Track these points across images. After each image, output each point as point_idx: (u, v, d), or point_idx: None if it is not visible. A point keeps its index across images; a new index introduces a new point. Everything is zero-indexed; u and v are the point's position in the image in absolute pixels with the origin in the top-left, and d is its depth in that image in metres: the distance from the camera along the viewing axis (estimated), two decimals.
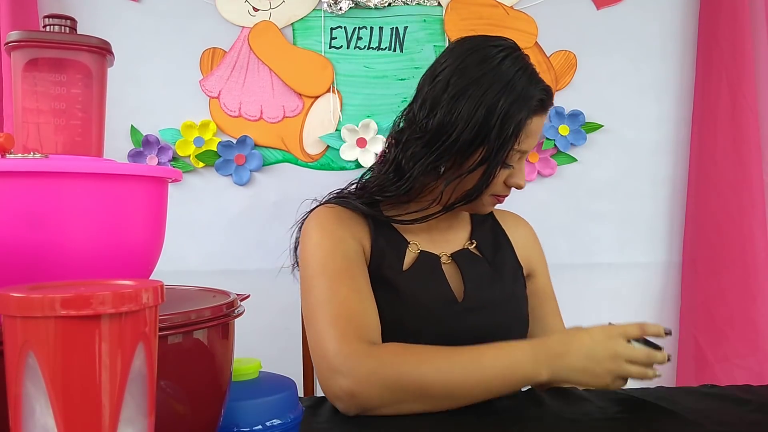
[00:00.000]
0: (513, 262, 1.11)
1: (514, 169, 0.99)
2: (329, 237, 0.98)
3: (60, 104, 0.60)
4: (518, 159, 0.99)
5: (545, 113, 0.98)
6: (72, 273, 0.52)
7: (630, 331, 0.86)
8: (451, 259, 1.05)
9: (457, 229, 1.10)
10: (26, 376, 0.37)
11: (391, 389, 0.81)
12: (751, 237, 1.67)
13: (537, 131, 0.98)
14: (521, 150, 0.97)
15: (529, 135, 0.96)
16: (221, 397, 0.56)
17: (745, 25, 1.66)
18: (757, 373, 1.64)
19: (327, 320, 0.87)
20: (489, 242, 1.10)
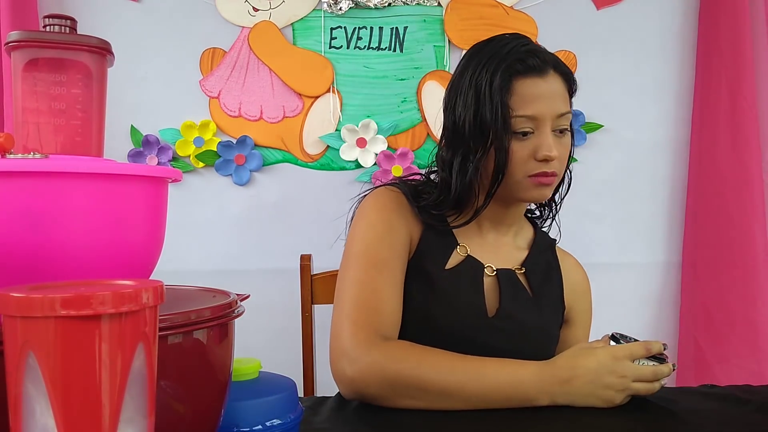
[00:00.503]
0: (557, 299, 1.09)
1: (538, 141, 0.95)
2: (383, 222, 1.00)
3: (60, 104, 0.60)
4: (532, 127, 0.95)
5: (543, 76, 0.96)
6: (72, 273, 0.52)
7: (635, 351, 0.86)
8: (495, 273, 1.03)
9: (511, 248, 1.08)
10: (26, 377, 0.37)
11: (390, 383, 0.84)
12: (751, 237, 1.67)
13: (538, 95, 0.95)
14: (527, 115, 0.95)
15: (526, 99, 0.95)
16: (221, 397, 0.56)
17: (745, 25, 1.66)
18: (757, 373, 1.64)
19: (352, 305, 0.92)
20: (539, 272, 1.07)
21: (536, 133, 0.96)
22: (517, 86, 0.95)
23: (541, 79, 0.96)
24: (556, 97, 0.97)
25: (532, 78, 0.96)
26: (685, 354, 1.76)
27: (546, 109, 0.95)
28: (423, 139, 1.72)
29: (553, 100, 0.96)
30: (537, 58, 0.96)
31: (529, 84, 0.96)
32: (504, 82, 0.95)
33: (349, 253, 0.99)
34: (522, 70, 0.95)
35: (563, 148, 0.98)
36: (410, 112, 1.72)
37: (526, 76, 0.95)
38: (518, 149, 0.96)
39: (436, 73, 1.72)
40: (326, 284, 1.31)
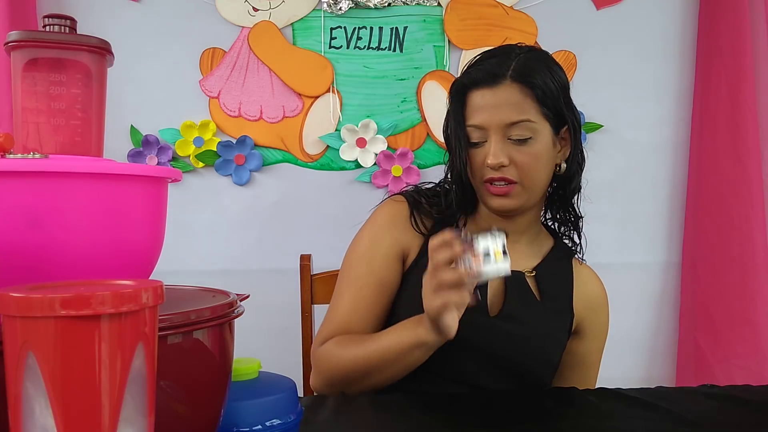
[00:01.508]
0: (565, 307, 1.09)
1: (486, 149, 1.00)
2: (370, 238, 1.08)
3: (60, 104, 0.60)
4: (482, 136, 1.00)
5: (485, 87, 1.00)
6: (71, 273, 0.52)
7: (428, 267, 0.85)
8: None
9: (523, 253, 1.09)
10: (26, 376, 0.37)
11: (329, 381, 0.98)
12: (751, 237, 1.67)
13: (483, 105, 1.00)
14: (474, 125, 1.00)
15: (473, 109, 1.01)
16: (221, 397, 0.56)
17: (745, 25, 1.66)
18: (757, 374, 1.64)
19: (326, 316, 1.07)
20: (550, 279, 1.08)
21: (487, 142, 1.00)
22: (469, 98, 1.02)
23: (488, 90, 1.00)
24: (506, 106, 0.98)
25: (480, 90, 1.01)
26: (684, 354, 1.76)
27: (490, 118, 0.99)
28: (423, 139, 1.72)
29: (500, 109, 0.98)
30: (485, 71, 1.00)
31: (477, 95, 1.01)
32: (458, 95, 1.03)
33: (342, 264, 1.10)
34: (469, 83, 1.02)
35: (522, 156, 0.99)
36: (410, 112, 1.72)
37: (477, 87, 1.01)
38: (472, 156, 1.02)
39: (435, 73, 1.72)
40: (326, 284, 1.31)
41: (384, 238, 1.07)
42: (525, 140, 0.99)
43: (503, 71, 0.99)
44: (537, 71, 0.99)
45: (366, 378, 0.94)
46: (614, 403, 0.87)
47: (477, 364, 1.00)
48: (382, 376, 0.94)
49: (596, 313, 1.13)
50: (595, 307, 1.13)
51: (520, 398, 0.91)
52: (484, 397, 0.91)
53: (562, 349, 1.07)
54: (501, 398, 0.90)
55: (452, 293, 0.81)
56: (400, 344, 0.92)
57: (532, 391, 0.95)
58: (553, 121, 1.01)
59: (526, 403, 0.89)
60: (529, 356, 1.01)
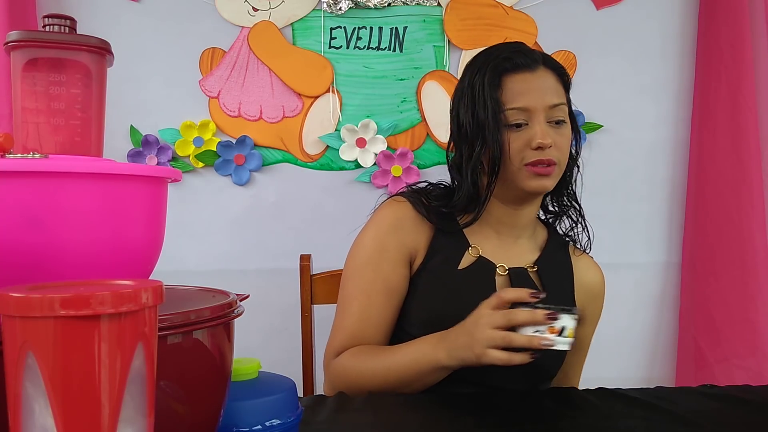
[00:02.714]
0: (568, 298, 1.11)
1: (531, 132, 1.00)
2: (375, 241, 1.07)
3: (59, 104, 0.60)
4: (525, 119, 1.00)
5: (532, 71, 1.02)
6: (71, 273, 0.52)
7: (490, 300, 0.88)
8: (508, 272, 1.06)
9: (524, 248, 1.10)
10: (25, 376, 0.37)
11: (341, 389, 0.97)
12: (751, 238, 1.67)
13: (528, 89, 1.01)
14: (518, 107, 1.00)
15: (516, 93, 1.01)
16: (221, 397, 0.56)
17: (745, 25, 1.66)
18: (757, 374, 1.64)
19: (334, 326, 1.07)
20: (552, 272, 1.09)
21: (530, 124, 1.01)
22: (507, 82, 1.02)
23: (530, 74, 1.02)
24: (547, 89, 1.02)
25: (521, 73, 1.02)
26: (684, 354, 1.76)
27: (536, 100, 1.00)
28: (423, 139, 1.72)
29: (544, 92, 1.01)
30: (524, 56, 1.03)
31: (519, 79, 1.02)
32: (493, 80, 1.02)
33: (345, 270, 1.09)
34: (510, 67, 1.02)
35: (561, 138, 1.02)
36: (410, 112, 1.72)
37: (515, 72, 1.02)
38: (513, 140, 1.01)
39: (435, 73, 1.72)
40: (326, 284, 1.31)
41: (390, 243, 1.06)
42: (562, 122, 1.02)
43: (537, 58, 1.03)
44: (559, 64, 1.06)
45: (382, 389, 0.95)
46: (614, 403, 0.87)
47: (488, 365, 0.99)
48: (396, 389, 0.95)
49: (596, 299, 1.16)
50: (595, 293, 1.15)
51: (520, 398, 0.91)
52: (485, 397, 0.91)
53: None
54: (501, 398, 0.90)
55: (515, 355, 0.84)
56: (418, 366, 0.93)
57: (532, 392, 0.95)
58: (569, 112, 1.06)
59: (526, 403, 0.89)
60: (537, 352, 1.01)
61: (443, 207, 1.07)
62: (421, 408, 0.86)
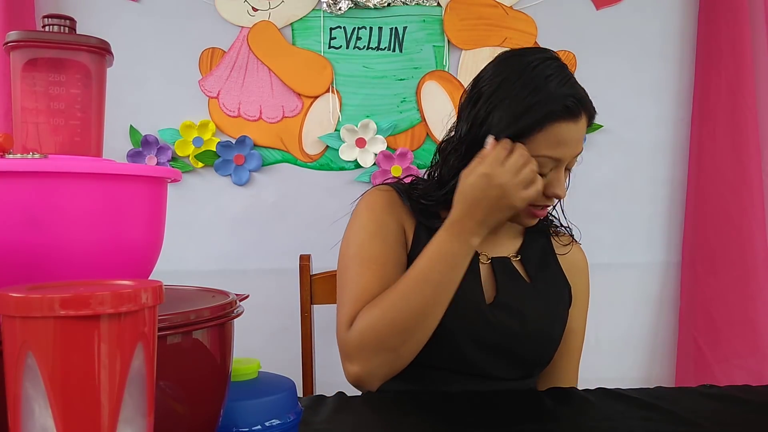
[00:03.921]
0: (559, 281, 1.09)
1: (551, 178, 0.96)
2: (374, 221, 1.03)
3: (59, 104, 0.60)
4: (552, 168, 0.96)
5: (577, 121, 0.94)
6: (71, 273, 0.52)
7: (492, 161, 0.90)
8: (490, 261, 1.05)
9: (505, 239, 1.09)
10: (25, 377, 0.37)
11: (375, 349, 0.90)
12: (751, 237, 1.67)
13: (569, 139, 0.94)
14: (553, 157, 0.94)
15: (559, 142, 0.93)
16: (220, 397, 0.56)
17: (745, 25, 1.66)
18: (756, 374, 1.65)
19: (345, 302, 0.97)
20: (536, 260, 1.08)
21: (553, 171, 0.96)
22: (554, 128, 0.93)
23: (574, 124, 0.94)
24: (581, 139, 0.97)
25: (568, 121, 0.94)
26: (684, 354, 1.76)
27: (571, 152, 0.96)
28: (422, 139, 1.72)
29: (579, 143, 0.96)
30: (579, 104, 0.94)
31: (563, 128, 0.94)
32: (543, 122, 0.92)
33: (344, 255, 1.03)
34: (562, 113, 0.93)
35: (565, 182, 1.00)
36: (409, 112, 1.72)
37: (562, 118, 0.93)
38: None
39: (435, 73, 1.72)
40: (325, 284, 1.31)
41: (390, 221, 1.03)
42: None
43: (585, 102, 0.97)
44: None
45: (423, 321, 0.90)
46: (613, 403, 0.87)
47: (480, 353, 0.99)
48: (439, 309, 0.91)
49: (578, 278, 1.13)
50: (576, 272, 1.13)
51: (520, 398, 0.91)
52: (485, 397, 0.91)
53: (564, 323, 1.08)
54: (500, 398, 0.90)
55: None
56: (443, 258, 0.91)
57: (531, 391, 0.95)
58: None
59: (526, 403, 0.89)
60: (529, 340, 1.01)
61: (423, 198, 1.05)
62: (421, 408, 0.86)
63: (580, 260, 1.15)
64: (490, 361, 1.00)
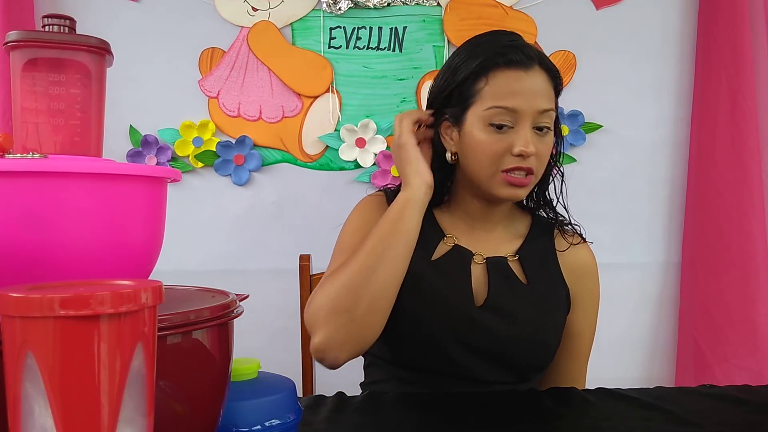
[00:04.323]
0: (557, 283, 1.05)
1: (514, 136, 0.94)
2: (360, 217, 1.06)
3: (59, 104, 0.60)
4: (511, 121, 0.94)
5: (526, 70, 0.94)
6: (71, 273, 0.52)
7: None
8: (485, 261, 1.02)
9: (504, 237, 1.06)
10: (25, 377, 0.37)
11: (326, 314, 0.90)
12: (751, 237, 1.67)
13: (520, 89, 0.94)
14: (503, 106, 0.93)
15: (507, 91, 0.94)
16: (220, 397, 0.56)
17: (744, 25, 1.66)
18: (756, 374, 1.65)
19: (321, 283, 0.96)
20: (535, 260, 1.05)
21: (515, 128, 0.94)
22: (496, 77, 0.95)
23: (524, 73, 0.94)
24: (539, 92, 0.95)
25: (514, 70, 0.94)
26: (684, 354, 1.76)
27: (527, 103, 0.94)
28: None
29: (536, 94, 0.94)
30: (521, 52, 0.95)
31: (511, 76, 0.94)
32: (480, 71, 0.96)
33: (334, 251, 1.06)
34: (503, 62, 0.95)
35: (543, 147, 0.96)
36: None
37: (508, 68, 0.94)
38: (493, 142, 0.95)
39: (435, 73, 1.72)
40: None
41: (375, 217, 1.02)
42: (545, 129, 0.96)
43: (533, 55, 0.96)
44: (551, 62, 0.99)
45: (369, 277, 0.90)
46: (613, 403, 0.87)
47: (470, 358, 0.97)
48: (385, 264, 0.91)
49: (582, 279, 1.08)
50: (581, 273, 1.08)
51: (519, 398, 0.91)
52: (485, 397, 0.91)
53: (560, 329, 1.04)
54: (500, 398, 0.90)
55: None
56: (388, 220, 0.94)
57: (531, 391, 0.95)
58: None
59: (526, 403, 0.89)
60: (520, 344, 0.98)
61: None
62: (421, 408, 0.86)
63: (585, 261, 1.10)
64: (480, 365, 0.98)
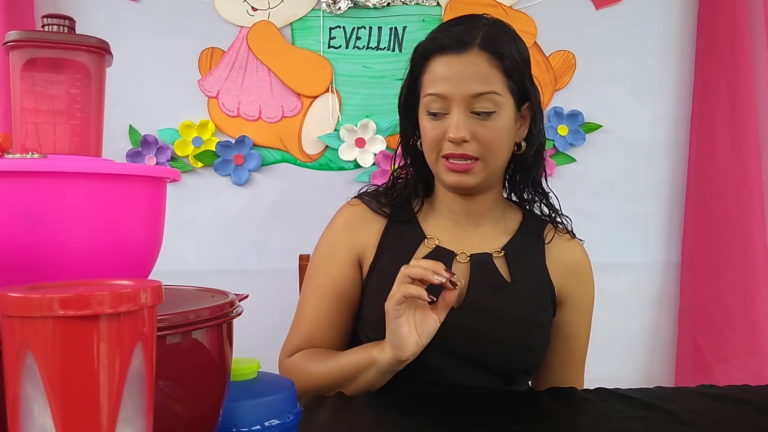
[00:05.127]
0: (542, 281, 1.03)
1: (449, 120, 0.94)
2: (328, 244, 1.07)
3: (58, 104, 0.60)
4: (443, 107, 0.95)
5: (459, 53, 0.94)
6: (70, 273, 0.52)
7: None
8: (469, 259, 1.01)
9: (492, 232, 1.05)
10: (24, 377, 0.37)
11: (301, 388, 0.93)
12: (750, 237, 1.67)
13: (449, 75, 0.94)
14: (436, 94, 0.94)
15: (438, 78, 0.95)
16: (220, 397, 0.56)
17: (744, 25, 1.66)
18: (756, 374, 1.65)
19: (292, 326, 1.06)
20: (522, 256, 1.03)
21: (449, 114, 0.95)
22: (432, 64, 0.96)
23: (455, 57, 0.94)
24: (471, 76, 0.93)
25: (446, 56, 0.95)
26: (684, 354, 1.76)
27: (455, 88, 0.93)
28: None
29: (465, 79, 0.93)
30: (452, 36, 0.94)
31: (441, 62, 0.95)
32: (419, 61, 0.98)
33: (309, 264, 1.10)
34: (435, 48, 0.96)
35: (485, 131, 0.94)
36: None
37: (441, 54, 0.95)
38: (430, 129, 0.96)
39: None
40: None
41: (341, 245, 1.05)
42: (489, 114, 0.94)
43: (471, 38, 0.94)
44: (504, 41, 0.96)
45: (328, 393, 0.93)
46: (613, 403, 0.87)
47: (447, 361, 0.95)
48: (342, 389, 0.94)
49: (574, 278, 1.06)
50: (573, 272, 1.06)
51: (519, 398, 0.91)
52: (484, 397, 0.91)
53: (545, 330, 1.02)
54: (501, 398, 0.90)
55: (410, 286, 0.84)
56: (355, 363, 0.92)
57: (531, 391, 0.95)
58: (516, 96, 0.97)
59: (526, 403, 0.89)
60: (500, 346, 0.96)
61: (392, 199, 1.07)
62: (421, 408, 0.86)
63: (577, 259, 1.07)
64: (457, 369, 0.96)
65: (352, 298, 1.05)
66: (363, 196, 1.10)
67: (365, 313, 1.03)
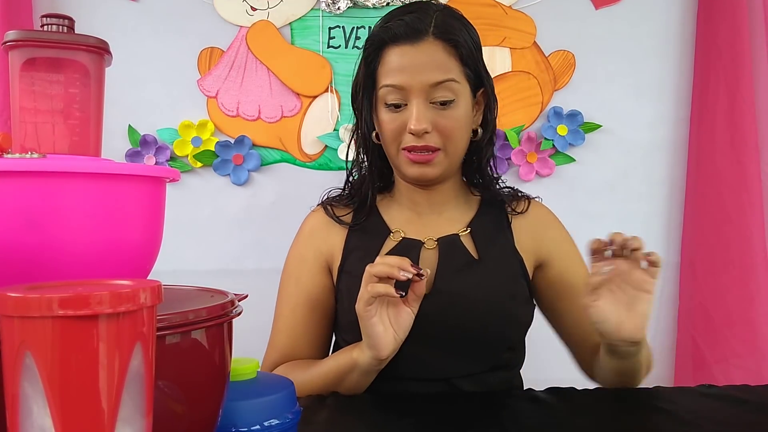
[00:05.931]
0: (509, 255, 1.02)
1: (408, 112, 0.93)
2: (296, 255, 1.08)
3: (58, 104, 0.60)
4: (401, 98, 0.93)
5: (406, 44, 0.93)
6: (70, 273, 0.52)
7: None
8: (437, 244, 1.00)
9: (452, 216, 1.04)
10: (23, 377, 0.37)
11: None
12: (750, 237, 1.67)
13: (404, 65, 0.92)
14: (393, 85, 0.93)
15: (393, 69, 0.93)
16: (219, 397, 0.56)
17: (743, 25, 1.66)
18: (755, 373, 1.65)
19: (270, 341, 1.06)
20: (487, 231, 1.02)
21: (408, 105, 0.94)
22: (386, 55, 0.95)
23: (410, 47, 0.92)
24: (428, 65, 0.92)
25: (400, 46, 0.93)
26: (683, 354, 1.76)
27: (413, 78, 0.92)
28: None
29: (422, 68, 0.92)
30: (405, 25, 0.93)
31: (397, 53, 0.93)
32: (372, 53, 0.96)
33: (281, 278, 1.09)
34: (389, 38, 0.94)
35: (445, 121, 0.94)
36: None
37: (395, 44, 0.93)
38: (388, 121, 0.95)
39: None
40: None
41: (308, 253, 1.05)
42: (448, 103, 0.93)
43: (425, 26, 0.92)
44: (458, 28, 0.95)
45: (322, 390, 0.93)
46: (612, 403, 0.87)
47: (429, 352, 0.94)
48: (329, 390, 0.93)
49: (547, 233, 1.06)
50: (542, 228, 1.06)
51: (519, 398, 0.91)
52: (483, 397, 0.91)
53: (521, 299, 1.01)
54: (501, 398, 0.90)
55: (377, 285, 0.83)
56: (336, 368, 0.92)
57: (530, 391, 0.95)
58: (472, 83, 0.97)
59: (525, 402, 0.89)
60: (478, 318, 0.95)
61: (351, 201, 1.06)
62: (420, 408, 0.86)
63: (542, 215, 1.08)
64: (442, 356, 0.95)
65: (326, 306, 1.04)
66: (324, 204, 1.10)
67: (339, 316, 1.03)
